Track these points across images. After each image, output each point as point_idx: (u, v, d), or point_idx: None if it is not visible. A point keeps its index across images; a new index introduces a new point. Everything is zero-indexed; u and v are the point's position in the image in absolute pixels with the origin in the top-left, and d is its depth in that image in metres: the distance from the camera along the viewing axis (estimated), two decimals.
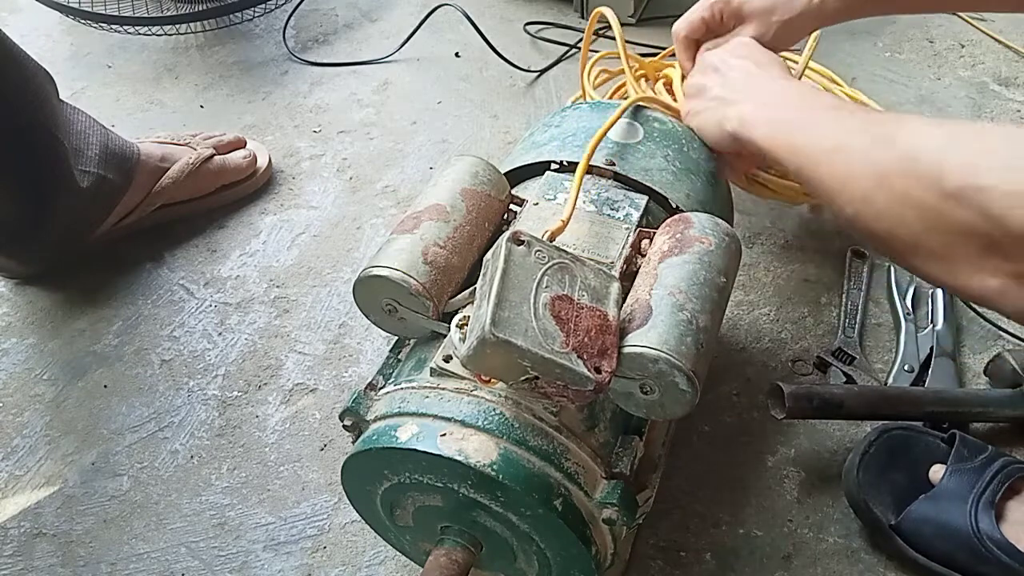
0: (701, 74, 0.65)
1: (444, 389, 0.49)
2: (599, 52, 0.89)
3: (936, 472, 0.61)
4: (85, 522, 0.69)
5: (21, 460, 0.73)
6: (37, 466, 0.73)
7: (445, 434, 0.47)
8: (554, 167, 0.61)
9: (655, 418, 0.49)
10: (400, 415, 0.49)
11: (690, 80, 0.67)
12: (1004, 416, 0.68)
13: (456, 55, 1.17)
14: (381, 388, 0.53)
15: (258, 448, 0.73)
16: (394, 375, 0.55)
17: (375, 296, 0.52)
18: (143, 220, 0.91)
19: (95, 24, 1.17)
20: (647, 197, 0.59)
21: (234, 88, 1.14)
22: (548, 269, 0.46)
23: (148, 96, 1.14)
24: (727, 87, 0.61)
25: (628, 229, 0.56)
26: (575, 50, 1.16)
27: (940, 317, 0.76)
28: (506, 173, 0.62)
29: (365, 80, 1.14)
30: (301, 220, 0.94)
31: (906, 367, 0.73)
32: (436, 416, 0.48)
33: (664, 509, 0.66)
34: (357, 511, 0.57)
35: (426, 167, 1.00)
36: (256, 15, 1.24)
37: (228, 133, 0.98)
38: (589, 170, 0.59)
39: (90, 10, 1.14)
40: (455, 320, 0.49)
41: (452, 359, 0.50)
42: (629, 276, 0.54)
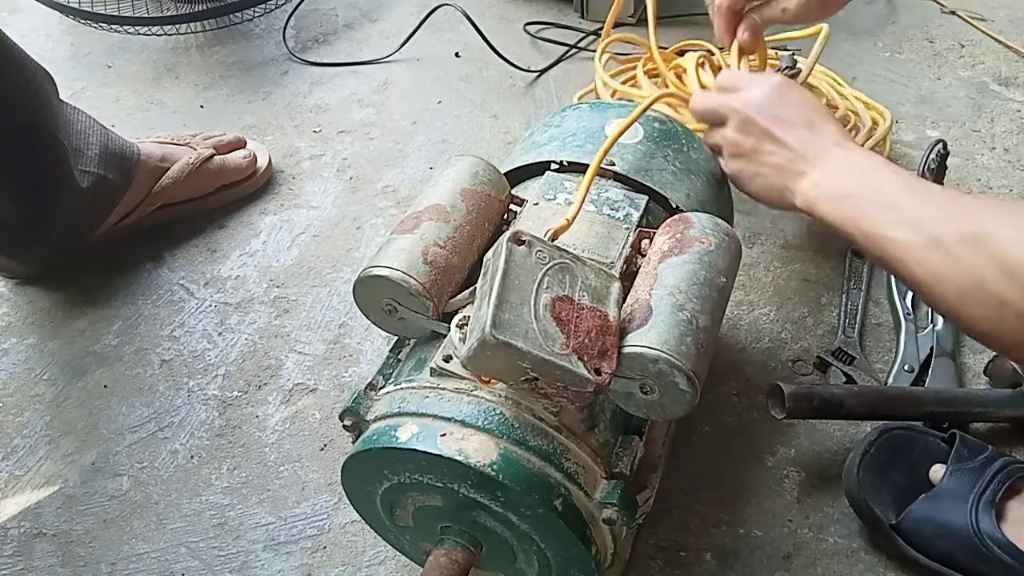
0: (745, 132, 0.59)
1: (444, 389, 0.49)
2: (608, 54, 0.90)
3: (936, 472, 0.61)
4: (85, 522, 0.69)
5: (21, 460, 0.73)
6: (37, 466, 0.73)
7: (445, 434, 0.47)
8: (554, 167, 0.61)
9: (655, 418, 0.49)
10: (400, 415, 0.49)
11: (732, 135, 0.61)
12: (1004, 416, 0.68)
13: (456, 55, 1.17)
14: (381, 388, 0.53)
15: (258, 448, 0.73)
16: (394, 375, 0.55)
17: (375, 296, 0.52)
18: (143, 220, 0.91)
19: (95, 24, 1.17)
20: (647, 197, 0.59)
21: (234, 88, 1.14)
22: (549, 269, 0.46)
23: (148, 96, 1.14)
24: (785, 154, 0.57)
25: (628, 229, 0.56)
26: (575, 50, 1.16)
27: (940, 317, 0.76)
28: (506, 173, 0.62)
29: (365, 80, 1.14)
30: (301, 220, 0.94)
31: (906, 367, 0.73)
32: (436, 416, 0.48)
33: (664, 509, 0.66)
34: (357, 511, 0.57)
35: (426, 167, 1.00)
36: (256, 15, 1.24)
37: (228, 133, 0.98)
38: None
39: (90, 10, 1.14)
40: (455, 320, 0.49)
41: (452, 359, 0.50)
42: (629, 276, 0.54)
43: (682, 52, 0.96)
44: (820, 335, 0.78)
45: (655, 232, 0.56)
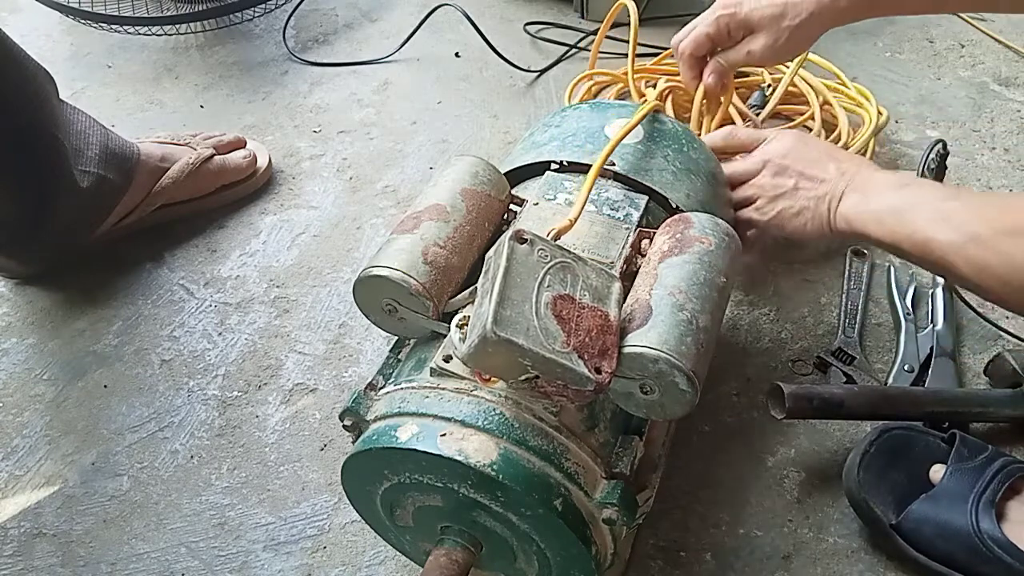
0: (783, 175, 0.66)
1: (444, 389, 0.49)
2: (607, 52, 0.91)
3: (936, 472, 0.61)
4: (85, 522, 0.69)
5: (21, 460, 0.73)
6: (37, 466, 0.73)
7: (445, 434, 0.47)
8: (554, 167, 0.61)
9: (655, 418, 0.49)
10: (400, 415, 0.49)
11: (770, 181, 0.67)
12: (1004, 416, 0.68)
13: (456, 55, 1.17)
14: (381, 388, 0.53)
15: (258, 448, 0.73)
16: (394, 375, 0.55)
17: (375, 296, 0.52)
18: (143, 220, 0.91)
19: (95, 24, 1.17)
20: (647, 197, 0.59)
21: (234, 88, 1.14)
22: (550, 268, 0.46)
23: (148, 96, 1.14)
24: (824, 187, 0.64)
25: (628, 229, 0.56)
26: (575, 50, 1.16)
27: (940, 317, 0.76)
28: (506, 173, 0.62)
29: (365, 80, 1.14)
30: (301, 220, 0.94)
31: (906, 367, 0.73)
32: (436, 416, 0.48)
33: (664, 509, 0.66)
34: (357, 511, 0.57)
35: (426, 167, 1.00)
36: (256, 15, 1.24)
37: (228, 133, 0.98)
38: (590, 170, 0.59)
39: (90, 10, 1.14)
40: (455, 320, 0.49)
41: (452, 359, 0.50)
42: (629, 276, 0.54)
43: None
44: (820, 335, 0.78)
45: (655, 232, 0.56)
